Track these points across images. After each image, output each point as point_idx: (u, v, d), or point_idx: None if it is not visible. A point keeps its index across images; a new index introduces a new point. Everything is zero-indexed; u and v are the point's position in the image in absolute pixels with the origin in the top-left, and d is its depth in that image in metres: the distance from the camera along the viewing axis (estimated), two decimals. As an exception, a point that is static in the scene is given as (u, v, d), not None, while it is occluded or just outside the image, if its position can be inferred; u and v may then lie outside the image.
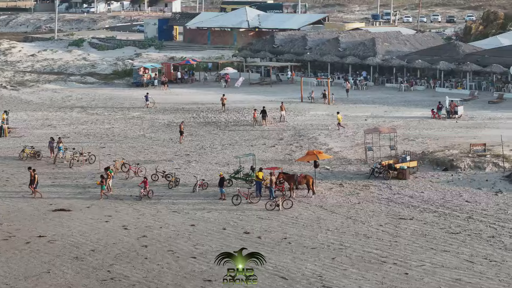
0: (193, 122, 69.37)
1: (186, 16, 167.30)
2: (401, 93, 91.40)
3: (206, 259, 31.25)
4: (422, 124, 69.34)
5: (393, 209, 41.67)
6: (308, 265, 31.37)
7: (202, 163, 53.86)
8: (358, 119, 73.15)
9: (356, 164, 54.06)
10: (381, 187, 46.82)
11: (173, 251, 32.43)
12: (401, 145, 56.64)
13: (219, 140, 63.47)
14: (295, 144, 61.36)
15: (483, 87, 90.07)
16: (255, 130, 68.41)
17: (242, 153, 55.27)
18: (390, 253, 33.72)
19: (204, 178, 46.77)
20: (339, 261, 32.00)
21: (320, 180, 46.70)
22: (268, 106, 73.37)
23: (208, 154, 57.22)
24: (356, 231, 37.41)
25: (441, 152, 54.62)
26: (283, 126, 69.58)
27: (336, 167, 52.59)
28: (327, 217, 39.86)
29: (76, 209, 40.17)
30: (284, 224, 38.10)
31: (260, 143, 61.55)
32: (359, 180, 48.89)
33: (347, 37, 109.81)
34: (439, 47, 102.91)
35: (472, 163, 51.08)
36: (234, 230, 36.66)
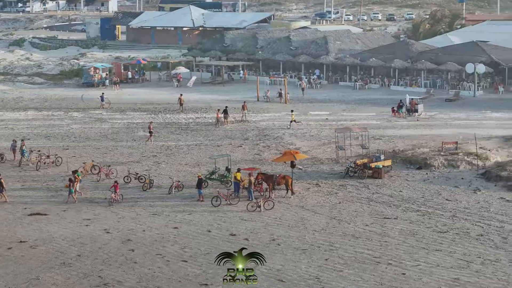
0: (153, 122, 67.41)
1: (128, 15, 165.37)
2: (356, 92, 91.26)
3: (197, 262, 30.42)
4: (384, 122, 68.98)
5: (376, 209, 41.07)
6: (303, 267, 30.39)
7: (172, 164, 52.79)
8: (318, 118, 72.33)
9: (328, 163, 53.26)
10: (358, 186, 46.17)
11: (161, 255, 31.40)
12: (368, 144, 55.69)
13: (184, 140, 62.22)
14: (261, 144, 60.40)
15: (438, 85, 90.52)
16: (218, 130, 67.29)
17: (209, 153, 54.75)
18: (383, 253, 33.01)
19: (177, 179, 45.50)
20: (332, 262, 31.25)
21: (295, 180, 45.61)
22: (224, 106, 72.73)
23: (176, 155, 55.89)
24: (343, 231, 36.61)
25: (412, 151, 54.35)
26: (245, 126, 68.46)
27: (308, 167, 51.67)
28: (311, 217, 39.00)
29: (52, 213, 38.85)
30: (269, 225, 37.22)
31: (226, 143, 60.49)
32: (335, 179, 48.25)
33: (298, 35, 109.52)
34: (392, 46, 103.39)
35: (445, 161, 50.92)
36: (220, 232, 35.87)
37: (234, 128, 67.53)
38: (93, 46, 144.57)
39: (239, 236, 34.82)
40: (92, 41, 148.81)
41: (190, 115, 75.26)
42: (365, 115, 75.06)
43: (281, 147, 57.00)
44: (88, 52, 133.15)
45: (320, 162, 53.35)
